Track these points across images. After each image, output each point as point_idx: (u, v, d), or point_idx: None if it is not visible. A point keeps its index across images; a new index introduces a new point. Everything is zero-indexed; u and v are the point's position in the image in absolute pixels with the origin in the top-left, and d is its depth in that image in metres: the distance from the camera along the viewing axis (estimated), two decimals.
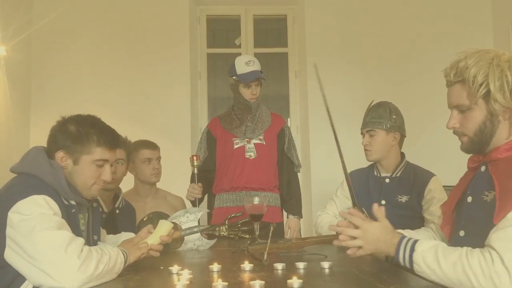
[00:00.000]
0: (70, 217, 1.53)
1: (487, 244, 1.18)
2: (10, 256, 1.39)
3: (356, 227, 1.38)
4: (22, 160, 1.61)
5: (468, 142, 1.37)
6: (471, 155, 1.44)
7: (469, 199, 1.38)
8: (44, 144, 1.67)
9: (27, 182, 1.50)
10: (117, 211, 2.37)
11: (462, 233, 1.38)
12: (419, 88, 4.45)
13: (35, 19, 4.32)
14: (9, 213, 1.39)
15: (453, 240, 1.42)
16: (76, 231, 1.51)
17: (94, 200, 1.77)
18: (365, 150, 2.50)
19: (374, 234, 1.35)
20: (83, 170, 1.61)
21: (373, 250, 1.34)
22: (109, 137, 1.66)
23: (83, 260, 1.34)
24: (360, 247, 1.35)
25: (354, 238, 1.37)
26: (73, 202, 1.57)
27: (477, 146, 1.36)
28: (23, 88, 4.20)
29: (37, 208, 1.40)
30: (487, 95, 1.29)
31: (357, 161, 4.49)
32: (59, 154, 1.59)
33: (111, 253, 1.46)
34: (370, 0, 4.59)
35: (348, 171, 2.11)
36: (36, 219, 1.38)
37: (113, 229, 2.25)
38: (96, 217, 1.78)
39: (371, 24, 4.58)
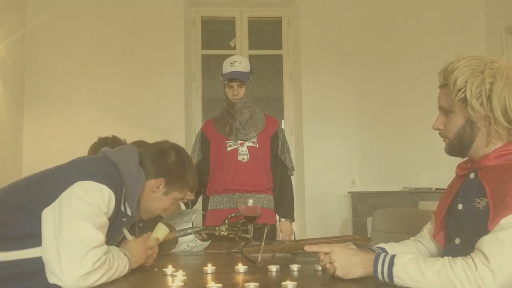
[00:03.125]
0: (115, 223, 1.54)
1: (477, 247, 1.19)
2: (47, 214, 1.38)
3: (327, 253, 1.38)
4: (118, 150, 1.65)
5: (449, 145, 1.40)
6: (461, 162, 1.46)
7: (460, 206, 1.39)
8: (37, 143, 1.67)
9: (109, 170, 1.52)
10: (140, 224, 2.34)
11: (457, 240, 1.38)
12: (412, 91, 4.49)
13: (29, 18, 4.31)
14: (77, 182, 1.40)
15: (448, 248, 1.42)
16: (111, 237, 1.52)
17: (141, 220, 1.80)
18: None
19: (345, 253, 1.34)
20: (166, 202, 1.71)
21: (346, 271, 1.32)
22: (196, 184, 1.83)
23: (92, 269, 1.34)
24: (335, 269, 1.35)
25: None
26: (129, 213, 1.60)
27: (457, 149, 1.39)
28: (16, 87, 4.18)
29: (99, 199, 1.42)
30: (465, 101, 1.31)
31: (350, 160, 4.52)
32: (159, 181, 1.64)
33: (120, 266, 1.45)
34: (364, 3, 4.62)
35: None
36: (91, 208, 1.39)
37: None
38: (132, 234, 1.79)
39: (365, 27, 4.60)
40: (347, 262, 1.33)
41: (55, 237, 1.35)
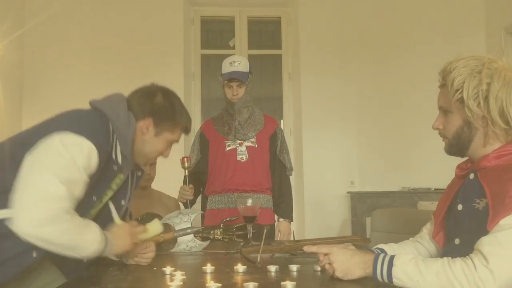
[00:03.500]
0: (107, 171, 1.51)
1: (476, 248, 1.19)
2: (25, 161, 1.34)
3: (327, 253, 1.37)
4: (104, 98, 1.63)
5: (448, 145, 1.41)
6: (460, 162, 1.46)
7: (460, 207, 1.39)
8: None
9: (95, 121, 1.48)
10: (139, 173, 2.32)
11: (457, 241, 1.38)
12: (411, 91, 4.49)
13: (28, 18, 4.30)
14: (56, 133, 1.37)
15: (448, 248, 1.42)
16: (103, 186, 1.50)
17: (139, 168, 1.77)
18: None
19: (345, 254, 1.34)
20: (158, 144, 1.67)
21: (345, 272, 1.32)
22: (190, 125, 1.77)
23: (47, 218, 1.28)
24: (334, 270, 1.34)
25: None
26: (119, 161, 1.56)
27: (456, 149, 1.39)
28: (15, 87, 4.18)
29: (76, 154, 1.36)
30: (462, 101, 1.31)
31: (349, 160, 4.52)
32: (148, 121, 1.62)
33: (86, 235, 1.38)
34: (363, 3, 4.62)
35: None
36: (63, 161, 1.34)
37: None
38: (133, 184, 1.75)
39: (364, 27, 4.60)
40: (347, 262, 1.32)
41: (22, 183, 1.30)
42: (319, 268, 1.49)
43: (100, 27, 4.41)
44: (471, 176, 1.38)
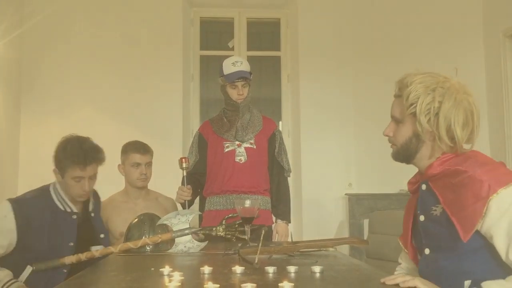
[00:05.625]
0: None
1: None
2: None
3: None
4: None
5: (395, 152, 1.50)
6: (410, 178, 1.55)
7: (422, 218, 1.45)
8: (34, 143, 1.73)
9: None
10: (93, 214, 2.33)
11: (427, 251, 1.43)
12: None
13: (26, 17, 4.29)
14: None
15: (421, 261, 1.46)
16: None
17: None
18: None
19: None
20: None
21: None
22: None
23: None
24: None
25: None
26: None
27: (402, 157, 1.49)
28: (13, 87, 4.17)
29: None
30: (415, 115, 1.40)
31: (347, 162, 4.52)
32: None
33: None
34: (362, 5, 4.63)
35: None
36: None
37: (90, 232, 2.26)
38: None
39: (363, 30, 4.61)
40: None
41: None
42: (317, 270, 1.49)
43: (99, 28, 4.41)
44: (423, 187, 1.45)
